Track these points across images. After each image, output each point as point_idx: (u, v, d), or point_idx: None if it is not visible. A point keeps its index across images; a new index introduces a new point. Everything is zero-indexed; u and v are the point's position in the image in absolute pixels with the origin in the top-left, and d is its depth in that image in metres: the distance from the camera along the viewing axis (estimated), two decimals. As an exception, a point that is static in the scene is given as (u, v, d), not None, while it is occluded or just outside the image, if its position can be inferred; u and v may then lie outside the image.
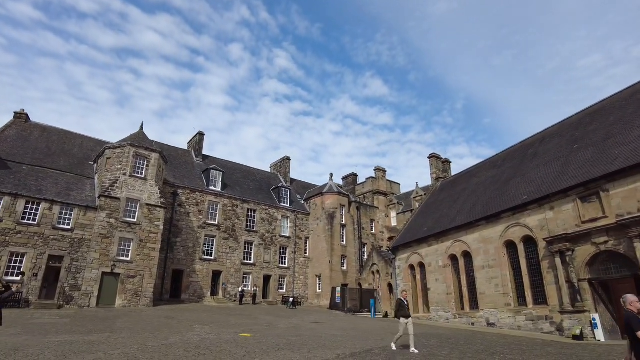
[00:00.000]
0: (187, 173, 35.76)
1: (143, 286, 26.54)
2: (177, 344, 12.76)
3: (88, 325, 17.04)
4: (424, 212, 34.55)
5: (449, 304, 27.24)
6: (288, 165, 45.37)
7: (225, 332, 15.95)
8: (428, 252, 29.60)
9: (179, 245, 31.93)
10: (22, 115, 31.61)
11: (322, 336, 16.27)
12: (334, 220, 38.92)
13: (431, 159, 40.67)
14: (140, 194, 27.89)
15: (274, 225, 38.09)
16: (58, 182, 27.09)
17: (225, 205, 35.54)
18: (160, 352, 11.21)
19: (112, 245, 26.02)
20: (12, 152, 27.76)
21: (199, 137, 39.79)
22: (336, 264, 37.69)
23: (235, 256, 34.90)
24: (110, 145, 28.89)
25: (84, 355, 10.34)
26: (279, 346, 12.91)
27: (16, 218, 23.85)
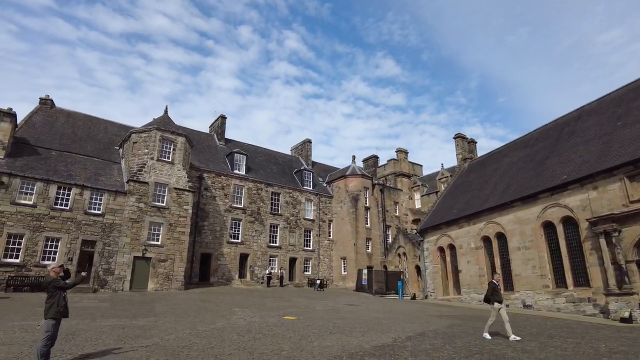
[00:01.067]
0: (211, 157, 35.59)
1: (174, 270, 26.67)
2: (226, 327, 12.65)
3: (129, 309, 17.09)
4: (452, 193, 33.94)
5: (481, 285, 26.81)
6: (309, 148, 44.93)
7: (268, 315, 15.84)
8: (459, 233, 29.13)
9: (207, 228, 31.97)
10: (47, 101, 31.58)
11: (364, 319, 16.07)
12: (358, 202, 38.57)
13: (457, 139, 39.77)
14: (168, 178, 27.81)
15: (297, 209, 37.91)
16: (87, 167, 27.11)
17: (250, 189, 35.38)
18: (214, 336, 11.07)
19: (142, 230, 26.08)
20: (40, 138, 27.79)
21: (220, 121, 39.48)
22: (361, 247, 37.49)
23: (261, 239, 34.89)
24: (136, 130, 28.74)
25: (141, 340, 10.23)
26: (329, 329, 12.71)
27: (49, 203, 23.97)
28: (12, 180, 23.23)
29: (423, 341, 11.06)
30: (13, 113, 25.01)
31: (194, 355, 8.68)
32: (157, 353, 8.79)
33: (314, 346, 9.98)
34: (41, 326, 7.52)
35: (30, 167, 24.49)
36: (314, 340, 10.75)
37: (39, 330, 7.57)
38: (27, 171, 23.98)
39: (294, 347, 9.81)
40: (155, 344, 9.76)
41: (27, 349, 8.93)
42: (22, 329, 11.50)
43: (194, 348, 9.42)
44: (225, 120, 39.64)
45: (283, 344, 10.10)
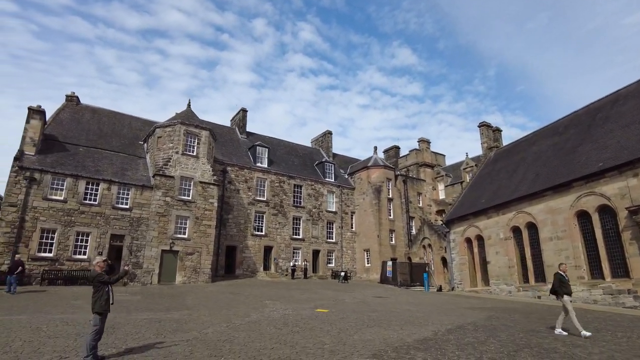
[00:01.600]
0: (233, 150, 35.64)
1: (201, 262, 26.88)
2: (261, 320, 12.58)
3: (161, 302, 17.23)
4: (478, 183, 33.25)
5: (511, 277, 26.29)
6: (330, 140, 44.61)
7: (300, 308, 15.75)
8: (487, 224, 28.53)
9: (231, 221, 32.11)
10: (73, 98, 32.02)
11: (397, 311, 15.84)
12: (381, 194, 38.17)
13: (481, 128, 38.86)
14: (193, 172, 27.94)
15: (320, 201, 37.75)
16: (113, 163, 27.42)
17: (273, 182, 35.35)
18: (251, 329, 11.00)
19: (169, 224, 26.31)
20: (68, 135, 28.21)
21: (242, 114, 39.48)
22: (385, 239, 37.16)
23: (285, 231, 34.89)
24: (160, 124, 28.91)
25: (180, 334, 10.21)
26: (365, 322, 12.51)
27: (79, 198, 24.34)
28: (43, 177, 23.65)
29: (465, 334, 10.77)
30: (42, 110, 25.40)
31: (236, 349, 8.59)
32: (199, 347, 8.73)
33: (354, 340, 9.80)
34: (91, 321, 7.53)
35: (60, 163, 24.88)
36: (353, 334, 10.57)
37: (90, 324, 7.57)
38: (57, 167, 24.37)
39: (335, 340, 9.65)
40: (195, 338, 9.71)
41: (72, 342, 8.99)
42: (63, 322, 11.64)
43: (235, 342, 9.34)
44: (247, 113, 39.63)
45: (323, 338, 9.95)
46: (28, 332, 10.19)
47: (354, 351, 8.56)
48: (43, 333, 10.03)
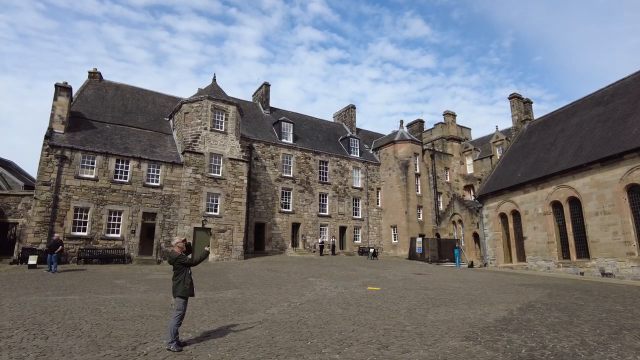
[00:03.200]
0: (258, 126, 34.91)
1: (233, 240, 26.60)
2: (319, 299, 12.14)
3: (205, 280, 16.92)
4: (512, 157, 32.20)
5: (550, 252, 25.61)
6: (353, 114, 43.54)
7: (349, 285, 15.30)
8: (524, 199, 27.69)
9: (259, 198, 31.69)
10: (95, 75, 31.36)
11: (449, 288, 15.31)
12: (408, 169, 37.32)
13: (512, 100, 37.41)
14: (222, 149, 27.36)
15: (345, 177, 37.08)
16: (141, 140, 26.93)
17: (299, 158, 34.69)
18: (316, 309, 10.54)
19: (200, 201, 25.94)
20: (94, 112, 27.69)
21: (265, 89, 38.53)
22: (412, 215, 36.53)
23: (312, 208, 34.44)
24: (186, 100, 28.20)
25: (245, 315, 9.80)
26: (428, 301, 11.99)
27: (109, 177, 23.99)
28: (74, 155, 23.26)
29: (543, 314, 10.18)
30: (69, 87, 24.82)
31: (316, 332, 8.10)
32: (277, 330, 8.26)
33: (431, 320, 9.27)
34: (174, 305, 7.05)
35: (89, 141, 24.45)
36: (424, 314, 10.06)
37: (172, 309, 7.09)
38: (87, 145, 23.96)
39: (412, 322, 9.13)
40: (265, 320, 9.27)
41: (141, 325, 8.59)
42: (118, 303, 11.30)
43: (309, 324, 8.86)
44: (269, 88, 38.65)
45: (398, 319, 9.44)
46: (89, 313, 9.85)
47: (442, 333, 8.02)
48: (105, 315, 9.67)
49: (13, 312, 9.85)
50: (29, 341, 7.25)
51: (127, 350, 6.79)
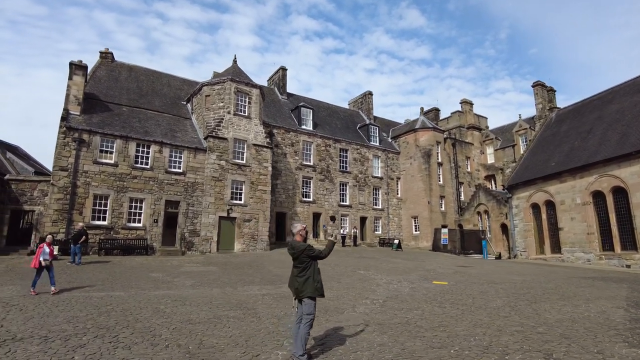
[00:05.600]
0: (277, 112, 33.37)
1: (258, 229, 25.26)
2: (398, 296, 10.89)
3: (247, 272, 15.63)
4: (541, 145, 31.07)
5: (590, 244, 24.61)
6: (370, 101, 42.05)
7: (411, 279, 14.06)
8: (559, 188, 26.59)
9: (280, 187, 30.27)
10: (107, 55, 29.51)
11: (515, 282, 14.13)
12: (431, 158, 36.04)
13: (535, 88, 36.23)
14: (246, 134, 25.86)
15: (365, 166, 35.75)
16: (160, 124, 25.34)
17: (319, 145, 33.27)
18: (407, 308, 9.28)
19: (225, 189, 24.51)
20: (108, 94, 26.00)
21: (281, 73, 36.91)
22: (435, 205, 35.35)
23: (332, 198, 33.12)
24: (207, 82, 26.59)
25: (334, 315, 8.53)
26: (517, 296, 10.76)
27: (130, 162, 22.44)
28: (92, 138, 21.65)
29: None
30: (84, 65, 23.15)
31: (443, 337, 6.83)
32: (396, 334, 6.98)
33: (556, 319, 8.07)
34: (296, 307, 5.72)
35: (107, 124, 22.84)
36: (536, 312, 8.83)
37: (296, 312, 5.75)
38: (105, 128, 22.35)
39: (535, 321, 7.88)
40: (367, 321, 7.98)
41: (230, 330, 7.25)
42: (175, 300, 9.96)
43: (422, 326, 7.60)
44: (286, 72, 37.03)
45: (512, 317, 8.20)
46: (152, 314, 8.51)
47: (591, 336, 6.77)
48: (173, 316, 8.35)
49: (64, 312, 8.50)
50: (110, 352, 5.91)
51: (244, 364, 5.46)
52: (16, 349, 6.01)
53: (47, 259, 10.92)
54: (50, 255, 11.07)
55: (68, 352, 5.87)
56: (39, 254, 10.91)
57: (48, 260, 10.94)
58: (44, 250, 11.01)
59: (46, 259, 10.88)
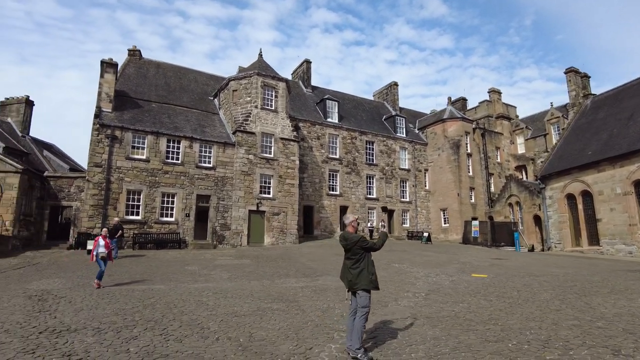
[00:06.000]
0: (302, 105, 33.25)
1: (287, 223, 25.32)
2: (439, 289, 10.66)
3: (284, 265, 15.62)
4: (576, 134, 29.98)
5: (632, 236, 23.64)
6: (396, 92, 41.46)
7: (450, 272, 13.77)
8: (597, 178, 25.61)
9: (306, 180, 30.22)
10: (135, 52, 30.01)
11: (556, 274, 13.64)
12: (460, 149, 35.30)
13: (568, 74, 34.92)
14: (273, 128, 25.88)
15: (392, 158, 35.31)
16: (189, 119, 25.61)
17: (345, 138, 33.02)
18: (451, 301, 9.05)
19: (254, 183, 24.62)
20: (137, 90, 26.42)
21: (306, 66, 36.74)
22: (465, 197, 34.66)
23: (359, 191, 32.88)
24: (234, 77, 26.68)
25: (376, 307, 8.34)
26: (564, 289, 10.35)
27: (161, 157, 22.78)
28: (124, 135, 22.06)
29: None
30: (115, 63, 23.56)
31: (496, 330, 6.60)
32: (447, 328, 6.79)
33: (613, 314, 7.66)
34: (350, 300, 5.59)
35: (138, 120, 23.22)
36: (588, 305, 8.45)
37: (350, 305, 5.63)
38: (136, 124, 22.73)
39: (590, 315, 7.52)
40: (414, 315, 7.81)
41: (280, 323, 7.19)
42: (215, 293, 10.02)
43: (472, 319, 7.36)
44: (310, 65, 36.84)
45: (565, 310, 7.86)
46: (195, 306, 8.56)
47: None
48: (217, 309, 8.37)
49: (111, 305, 8.63)
50: (162, 345, 5.92)
51: (299, 358, 5.37)
52: (73, 340, 6.10)
53: (103, 252, 11.06)
54: (105, 248, 11.19)
55: (122, 344, 5.92)
56: (95, 247, 11.08)
57: (104, 252, 11.07)
58: (99, 243, 11.16)
59: (102, 252, 11.02)
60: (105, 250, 11.17)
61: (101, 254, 11.00)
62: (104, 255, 11.09)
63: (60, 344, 5.90)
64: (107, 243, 11.36)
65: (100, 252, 11.01)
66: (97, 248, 11.03)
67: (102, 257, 11.02)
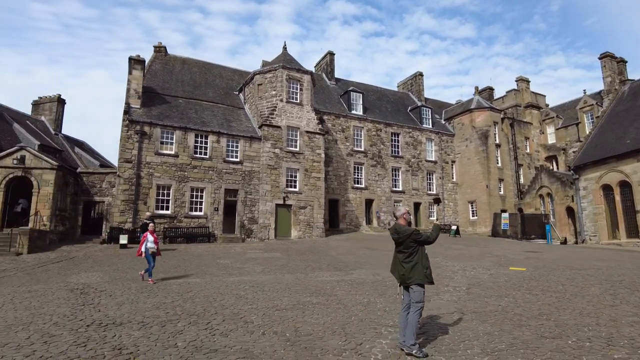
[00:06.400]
0: (325, 97, 32.99)
1: (314, 216, 25.23)
2: (479, 282, 10.38)
3: (313, 259, 15.53)
4: (612, 122, 28.81)
5: (674, 228, 22.60)
6: (421, 82, 40.72)
7: (486, 266, 13.41)
8: (636, 168, 24.55)
9: (331, 174, 30.03)
10: (161, 49, 30.29)
11: (598, 267, 13.09)
12: (488, 139, 34.45)
13: (603, 60, 33.57)
14: (298, 121, 25.76)
15: (418, 150, 34.75)
16: (215, 114, 25.73)
17: (370, 130, 32.64)
18: (495, 295, 8.77)
19: (280, 177, 24.60)
20: (164, 86, 26.68)
21: (329, 58, 36.42)
22: (494, 189, 33.87)
23: (385, 184, 32.50)
24: (259, 70, 26.64)
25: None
26: (614, 283, 9.88)
27: (189, 152, 22.98)
28: (153, 130, 22.32)
29: None
30: (142, 60, 23.82)
31: (550, 326, 6.31)
32: (499, 323, 6.54)
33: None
34: (402, 295, 5.41)
35: (166, 116, 23.44)
36: None
37: (402, 300, 5.45)
38: (164, 120, 22.96)
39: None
40: (459, 310, 7.58)
41: (320, 317, 7.07)
42: (251, 287, 9.98)
43: (522, 314, 7.08)
44: (334, 57, 36.50)
45: (622, 307, 7.47)
46: (234, 299, 8.56)
47: None
48: (256, 302, 8.33)
49: (150, 298, 8.72)
50: (209, 339, 5.88)
51: (350, 354, 5.23)
52: (120, 333, 6.13)
53: (153, 247, 10.98)
54: (155, 243, 11.09)
55: (169, 338, 5.90)
56: (143, 242, 11.01)
57: (154, 248, 11.00)
58: (148, 238, 11.03)
59: (151, 247, 10.94)
60: (155, 245, 11.08)
61: (151, 250, 10.91)
62: (154, 250, 11.02)
63: (109, 337, 5.94)
64: (155, 238, 11.29)
65: (150, 248, 10.92)
66: (146, 243, 10.92)
67: (153, 252, 10.94)
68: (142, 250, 10.90)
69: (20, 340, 5.86)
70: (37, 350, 5.40)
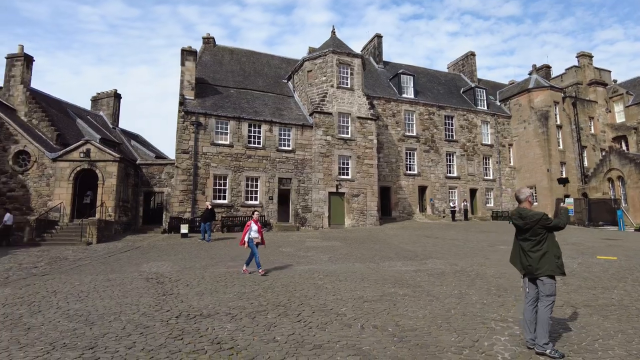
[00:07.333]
0: (374, 82, 32.10)
1: (367, 204, 24.72)
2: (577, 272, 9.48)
3: (377, 248, 15.07)
4: (696, 96, 26.14)
5: None
6: (473, 63, 38.82)
7: (570, 255, 12.41)
8: None
9: (382, 160, 29.26)
10: (209, 40, 30.49)
11: None
12: (548, 120, 32.37)
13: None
14: (349, 107, 25.17)
15: (474, 133, 33.22)
16: (266, 103, 25.61)
17: (422, 114, 31.49)
18: (595, 287, 7.91)
19: (332, 164, 24.21)
20: (215, 77, 26.83)
21: (377, 41, 35.38)
22: (555, 173, 31.87)
23: (438, 169, 31.35)
24: (308, 57, 26.21)
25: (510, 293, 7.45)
26: None
27: (244, 142, 23.03)
28: (208, 121, 22.50)
29: None
30: (194, 51, 24.00)
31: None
32: (625, 319, 5.79)
33: None
34: (533, 287, 4.82)
35: (220, 106, 23.56)
36: None
37: (527, 293, 4.87)
38: (218, 110, 23.07)
39: None
40: (566, 303, 6.85)
41: (418, 310, 6.59)
42: (328, 276, 9.61)
43: (632, 307, 6.28)
44: (382, 39, 35.42)
45: None
46: (315, 290, 8.25)
47: None
48: (338, 293, 7.98)
49: (228, 288, 8.60)
50: (307, 334, 5.56)
51: (472, 352, 4.72)
52: (213, 326, 5.93)
53: (257, 237, 10.50)
54: (259, 233, 10.58)
55: (265, 332, 5.63)
56: (246, 231, 10.55)
57: (258, 238, 10.52)
58: (252, 227, 10.55)
59: (255, 237, 10.46)
60: (259, 235, 10.54)
61: (255, 239, 10.42)
62: (259, 240, 10.52)
63: (202, 330, 5.75)
64: (259, 227, 10.74)
65: (254, 237, 10.43)
66: (249, 233, 10.44)
67: (257, 242, 10.48)
68: (246, 239, 10.45)
69: (117, 330, 5.79)
70: (137, 342, 5.28)
